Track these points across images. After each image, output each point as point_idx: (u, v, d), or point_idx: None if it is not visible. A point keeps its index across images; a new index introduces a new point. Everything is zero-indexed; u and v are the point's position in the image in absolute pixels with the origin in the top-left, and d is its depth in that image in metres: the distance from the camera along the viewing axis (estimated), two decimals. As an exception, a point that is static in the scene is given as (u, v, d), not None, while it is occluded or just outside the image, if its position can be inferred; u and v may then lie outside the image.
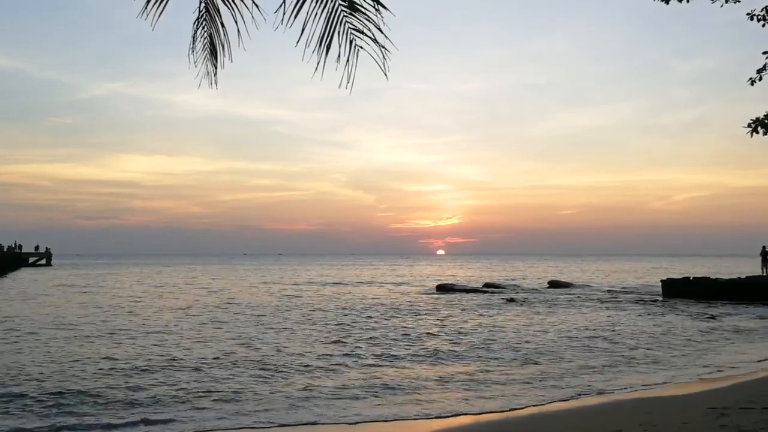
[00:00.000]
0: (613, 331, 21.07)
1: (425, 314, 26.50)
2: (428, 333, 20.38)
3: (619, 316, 25.76)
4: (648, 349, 17.22)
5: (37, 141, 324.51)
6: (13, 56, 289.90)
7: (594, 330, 21.26)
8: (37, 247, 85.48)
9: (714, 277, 37.01)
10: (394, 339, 18.87)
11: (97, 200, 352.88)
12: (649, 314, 26.58)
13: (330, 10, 3.58)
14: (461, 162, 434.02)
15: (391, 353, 16.18)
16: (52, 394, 11.28)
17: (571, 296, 36.90)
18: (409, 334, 19.91)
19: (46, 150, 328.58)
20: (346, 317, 25.11)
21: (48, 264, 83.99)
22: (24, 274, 60.88)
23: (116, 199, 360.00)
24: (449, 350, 16.85)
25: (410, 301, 33.03)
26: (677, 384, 12.63)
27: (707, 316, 25.59)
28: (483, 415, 10.26)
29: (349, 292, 40.06)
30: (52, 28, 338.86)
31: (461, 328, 21.76)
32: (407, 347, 17.27)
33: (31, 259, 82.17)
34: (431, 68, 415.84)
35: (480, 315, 26.14)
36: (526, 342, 18.37)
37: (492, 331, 20.92)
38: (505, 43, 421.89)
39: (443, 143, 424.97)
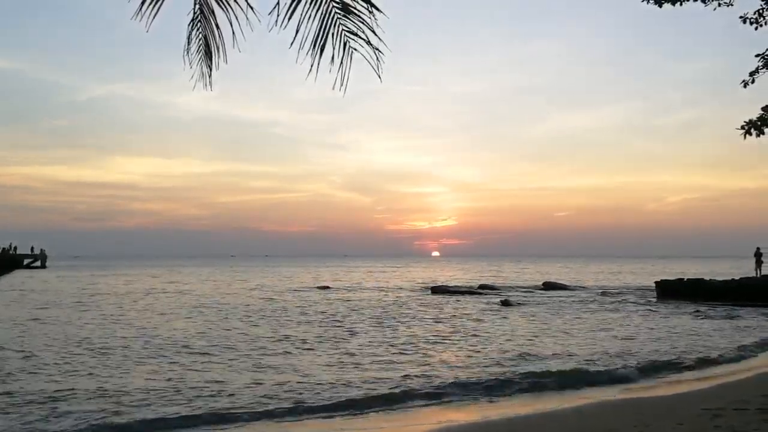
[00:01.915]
0: (608, 332, 21.13)
1: (419, 317, 26.51)
2: (421, 336, 20.40)
3: (614, 318, 25.81)
4: (642, 349, 17.27)
5: (34, 143, 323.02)
6: (10, 57, 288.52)
7: (589, 332, 21.31)
8: (32, 249, 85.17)
9: (708, 279, 37.13)
10: (387, 342, 18.90)
11: (95, 202, 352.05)
12: (643, 315, 26.65)
13: (324, 12, 3.60)
14: (457, 163, 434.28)
15: (386, 358, 16.22)
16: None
17: (566, 298, 36.93)
18: (401, 337, 19.95)
19: (43, 152, 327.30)
20: (339, 321, 25.09)
21: (42, 266, 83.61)
22: (15, 277, 60.60)
23: (114, 201, 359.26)
24: (445, 352, 16.90)
25: (403, 304, 32.98)
26: (671, 384, 12.67)
27: (701, 317, 25.68)
28: (476, 415, 10.30)
29: (339, 297, 39.66)
30: (49, 30, 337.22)
31: (456, 330, 21.79)
32: (402, 349, 17.29)
33: (26, 261, 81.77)
34: (428, 70, 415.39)
35: (475, 317, 26.16)
36: (522, 344, 18.41)
37: (487, 333, 20.95)
38: (501, 46, 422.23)
39: (440, 145, 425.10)
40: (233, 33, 3.82)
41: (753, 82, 9.32)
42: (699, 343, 18.64)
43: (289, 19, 3.54)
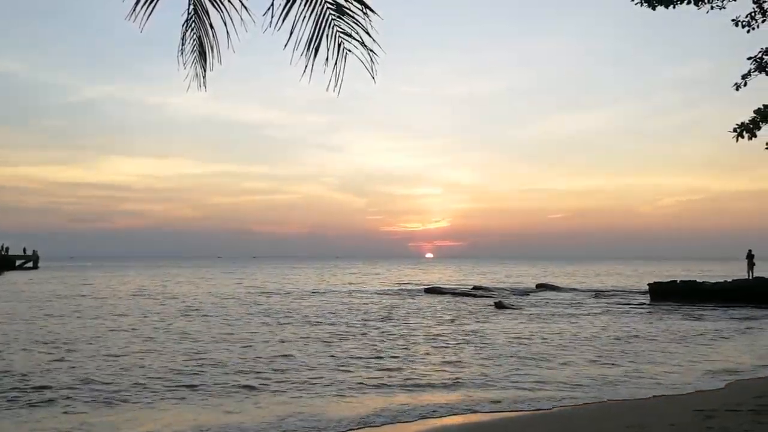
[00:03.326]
0: (601, 333, 21.17)
1: (412, 318, 26.50)
2: (412, 340, 20.40)
3: (606, 319, 25.84)
4: (634, 351, 17.31)
5: (27, 143, 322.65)
6: (4, 58, 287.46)
7: (580, 333, 21.34)
8: (24, 250, 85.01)
9: (701, 281, 37.27)
10: (377, 342, 18.90)
11: (89, 203, 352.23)
12: (636, 317, 26.71)
13: (318, 13, 3.60)
14: (452, 165, 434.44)
15: (376, 355, 16.23)
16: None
17: (559, 299, 37.03)
18: (395, 338, 19.96)
19: (37, 152, 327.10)
20: (331, 324, 25.04)
21: (35, 267, 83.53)
22: (6, 278, 60.35)
23: (108, 201, 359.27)
24: (436, 354, 16.91)
25: (397, 305, 32.93)
26: (665, 387, 12.69)
27: (693, 318, 25.77)
28: (473, 416, 10.30)
29: (327, 299, 39.38)
30: (43, 30, 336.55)
31: (449, 332, 21.81)
32: (390, 353, 17.28)
33: (18, 262, 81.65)
34: (423, 71, 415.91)
35: (468, 319, 26.17)
36: (513, 346, 18.43)
37: (480, 334, 20.97)
38: (496, 47, 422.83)
39: (434, 146, 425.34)
40: (227, 34, 3.82)
41: (745, 85, 9.36)
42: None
43: (284, 20, 3.55)
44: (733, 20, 9.25)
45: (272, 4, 3.53)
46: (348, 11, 3.58)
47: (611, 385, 12.85)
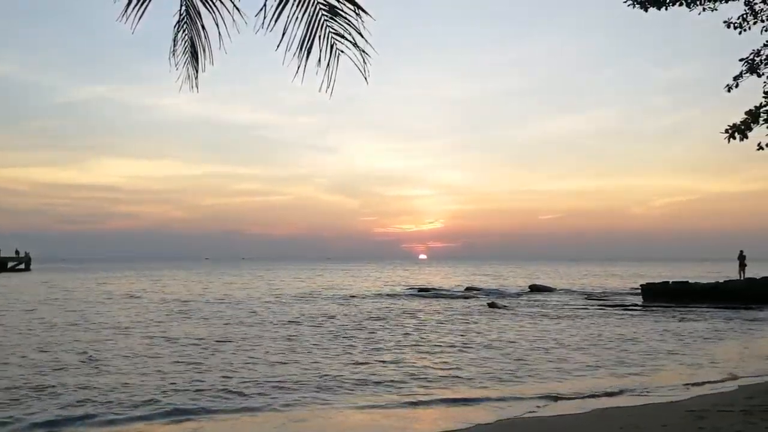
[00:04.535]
0: (594, 334, 21.20)
1: (405, 320, 26.47)
2: (404, 343, 20.38)
3: (599, 320, 25.89)
4: (629, 353, 17.34)
5: (19, 144, 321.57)
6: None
7: (572, 334, 21.37)
8: (17, 252, 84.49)
9: (692, 281, 37.38)
10: (370, 346, 18.87)
11: (81, 204, 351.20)
12: (628, 318, 26.77)
13: (311, 14, 3.59)
14: (445, 166, 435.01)
15: (370, 360, 16.19)
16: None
17: (551, 300, 37.05)
18: (388, 341, 19.93)
19: (28, 153, 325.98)
20: (317, 327, 24.97)
21: (27, 269, 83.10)
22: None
23: (100, 203, 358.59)
24: (428, 358, 16.90)
25: (388, 307, 32.87)
26: (657, 388, 12.71)
27: (686, 320, 25.83)
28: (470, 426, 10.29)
29: (316, 303, 39.28)
30: (33, 31, 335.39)
31: (441, 334, 21.80)
32: (378, 359, 17.25)
33: (10, 264, 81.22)
34: (415, 73, 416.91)
35: (461, 320, 26.16)
36: (506, 348, 18.43)
37: (472, 336, 20.97)
38: (489, 49, 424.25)
39: (427, 148, 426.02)
40: (219, 35, 3.81)
41: (737, 86, 9.41)
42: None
43: (276, 20, 3.53)
44: (725, 22, 9.29)
45: (264, 5, 3.52)
46: (340, 12, 3.57)
47: (607, 387, 12.80)
